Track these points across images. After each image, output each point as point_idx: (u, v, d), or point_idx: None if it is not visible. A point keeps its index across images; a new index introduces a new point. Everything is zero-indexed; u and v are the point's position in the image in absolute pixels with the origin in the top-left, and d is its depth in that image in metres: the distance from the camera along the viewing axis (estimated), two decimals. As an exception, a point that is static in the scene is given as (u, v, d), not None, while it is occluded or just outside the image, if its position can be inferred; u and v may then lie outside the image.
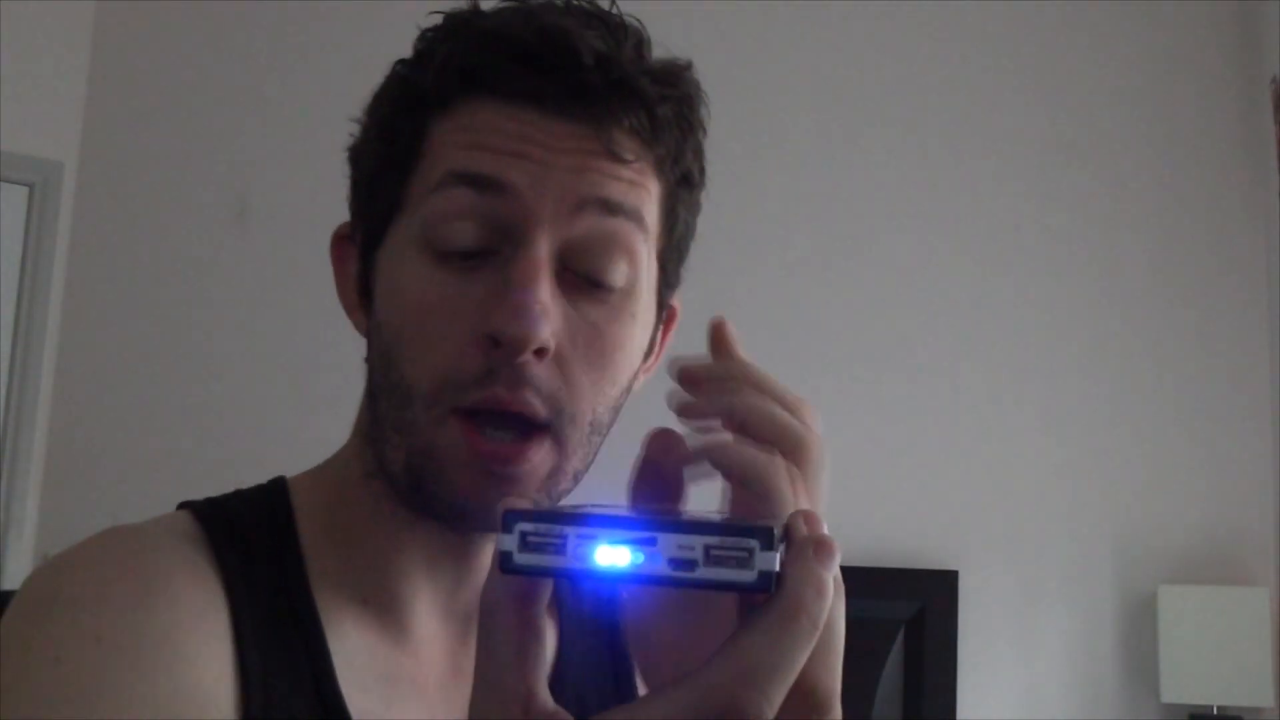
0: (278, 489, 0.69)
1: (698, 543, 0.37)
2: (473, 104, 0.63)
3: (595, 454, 0.65)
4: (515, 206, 0.60)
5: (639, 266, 0.64)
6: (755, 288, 2.92)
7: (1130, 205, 2.90)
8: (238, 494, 0.69)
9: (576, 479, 0.64)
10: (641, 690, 0.72)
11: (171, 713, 0.56)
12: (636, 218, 0.63)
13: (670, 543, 0.37)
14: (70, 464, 2.90)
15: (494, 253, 0.61)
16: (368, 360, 0.66)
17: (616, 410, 0.66)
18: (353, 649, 0.64)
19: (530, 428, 0.60)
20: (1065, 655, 2.75)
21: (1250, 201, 2.86)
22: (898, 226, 2.94)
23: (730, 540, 0.37)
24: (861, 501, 2.81)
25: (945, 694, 2.65)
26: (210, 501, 0.67)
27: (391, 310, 0.63)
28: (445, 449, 0.60)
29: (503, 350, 0.59)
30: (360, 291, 0.67)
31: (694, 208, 0.69)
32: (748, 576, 0.37)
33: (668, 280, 0.68)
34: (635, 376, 0.67)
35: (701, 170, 0.68)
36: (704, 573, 0.37)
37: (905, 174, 2.95)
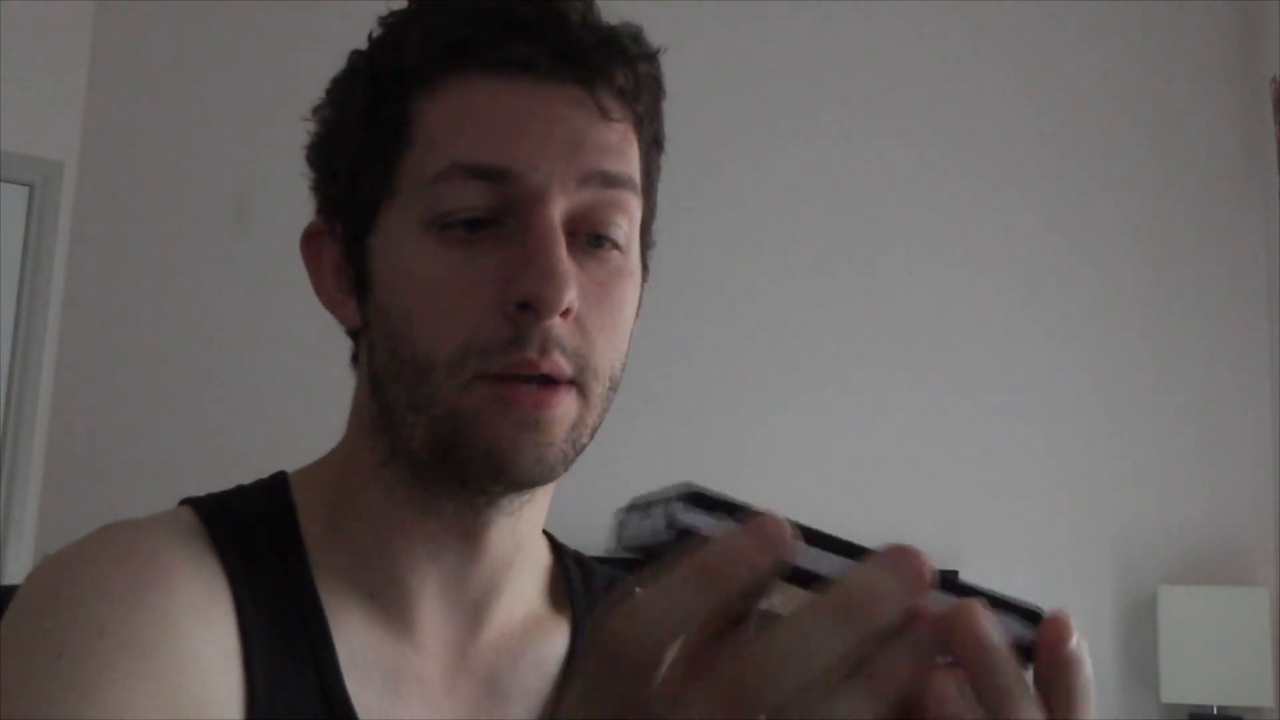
0: (279, 484, 0.69)
1: None
2: (461, 80, 0.63)
3: (607, 411, 0.66)
4: (522, 188, 0.61)
5: (633, 225, 0.65)
6: (757, 287, 2.92)
7: (1130, 205, 2.91)
8: (239, 490, 0.68)
9: (593, 434, 0.65)
10: None
11: (175, 705, 0.56)
12: (631, 185, 0.64)
13: None
14: (70, 464, 2.90)
15: (500, 225, 0.62)
16: (366, 348, 0.66)
17: (623, 369, 0.67)
18: (358, 643, 0.64)
19: (554, 383, 0.61)
20: (1065, 655, 2.75)
21: (1250, 201, 2.86)
22: (899, 226, 2.94)
23: None
24: (861, 501, 2.81)
25: (945, 694, 2.65)
26: (212, 497, 0.67)
27: (399, 291, 0.63)
28: (474, 411, 0.60)
29: (532, 314, 0.60)
30: (350, 282, 0.67)
31: (659, 171, 0.70)
32: None
33: (645, 240, 0.69)
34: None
35: (664, 134, 0.70)
36: None
37: (907, 172, 2.95)
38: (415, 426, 0.62)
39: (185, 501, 0.67)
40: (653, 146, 0.68)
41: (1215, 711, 2.57)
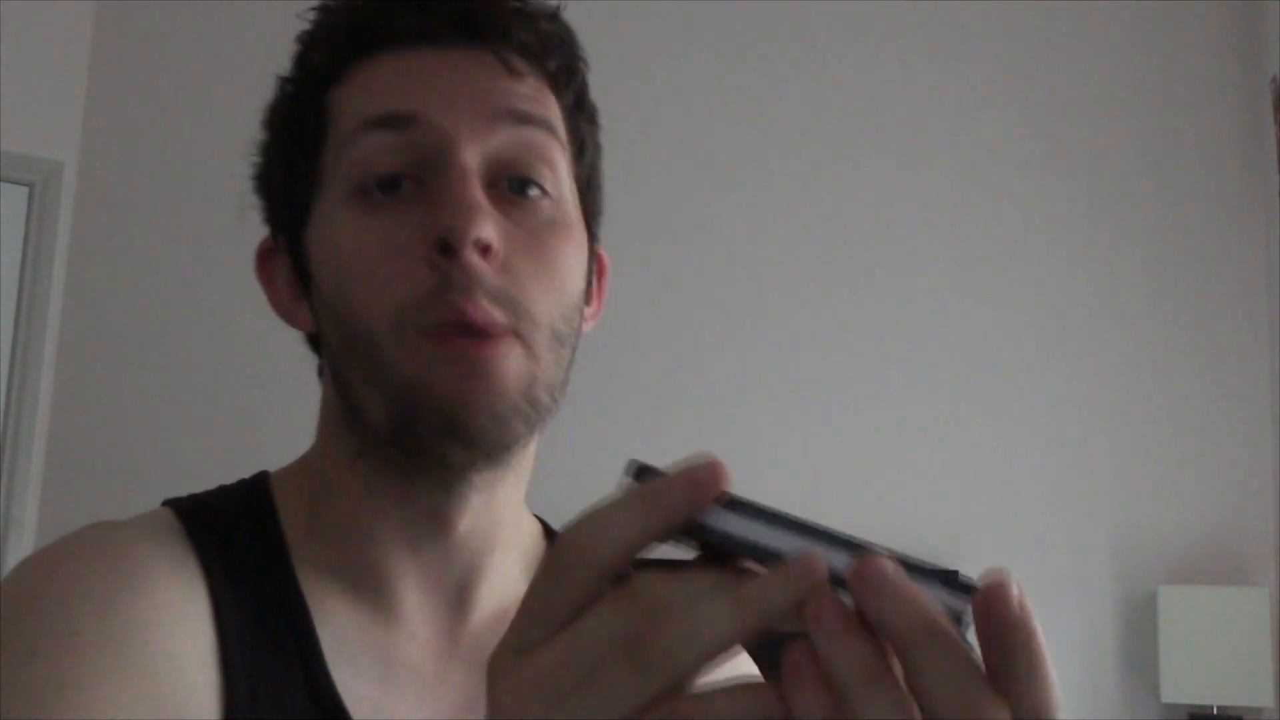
0: (260, 483, 0.69)
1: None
2: (369, 65, 0.64)
3: (567, 376, 0.65)
4: (431, 133, 0.62)
5: (560, 176, 0.65)
6: (758, 287, 2.92)
7: (1131, 205, 2.91)
8: (220, 490, 0.69)
9: (553, 395, 0.64)
10: None
11: (149, 704, 0.56)
12: (548, 126, 0.64)
13: None
14: (70, 464, 2.90)
15: (418, 183, 0.62)
16: (322, 346, 0.67)
17: (575, 332, 0.66)
18: (344, 635, 0.64)
19: (492, 336, 0.61)
20: (1065, 655, 2.75)
21: (1250, 202, 2.86)
22: (900, 225, 2.94)
23: None
24: (861, 501, 2.81)
25: (945, 694, 2.65)
26: (193, 498, 0.67)
27: (332, 271, 0.64)
28: (421, 373, 0.60)
29: (451, 253, 0.59)
30: (297, 287, 0.68)
31: (596, 143, 0.70)
32: None
33: (588, 208, 0.68)
34: (581, 312, 0.67)
35: (594, 105, 0.70)
36: None
37: (907, 170, 2.95)
38: (372, 402, 0.62)
39: (167, 502, 0.67)
40: (577, 110, 0.68)
41: (1215, 711, 2.57)
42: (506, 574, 0.70)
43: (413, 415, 0.61)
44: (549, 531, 0.77)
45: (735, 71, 3.00)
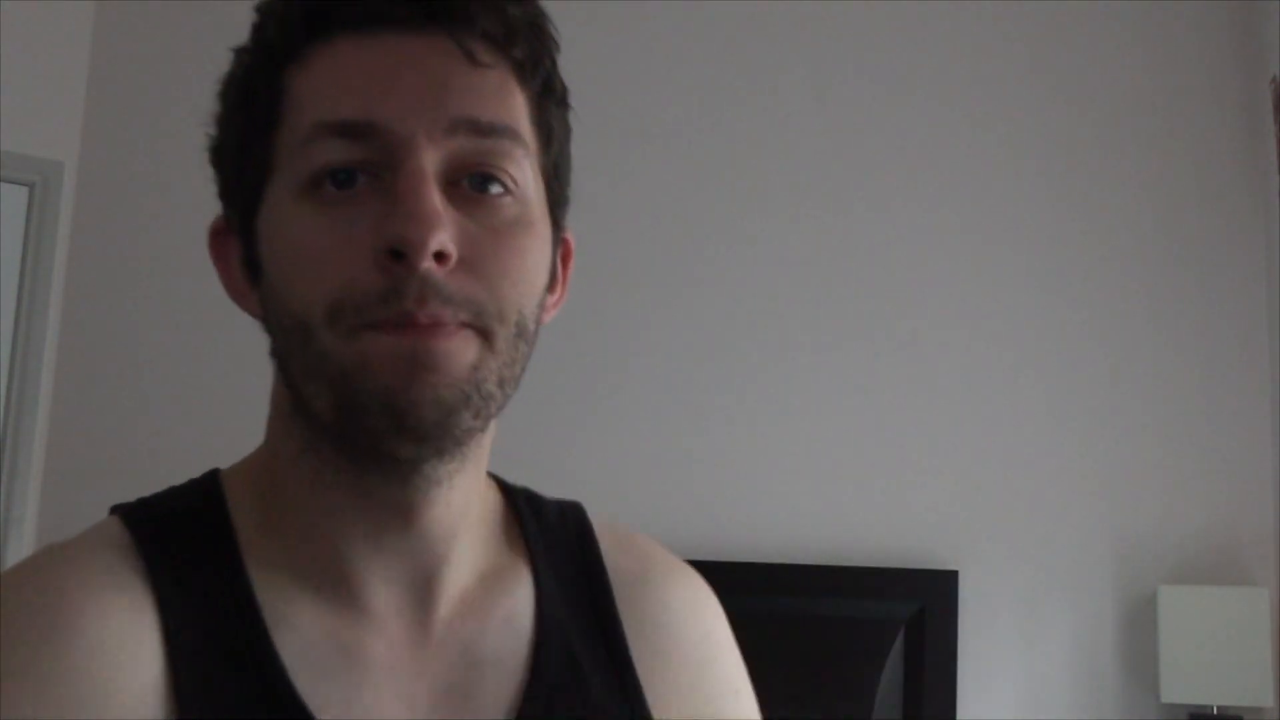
0: (210, 483, 0.68)
1: None
2: (326, 45, 0.63)
3: (523, 368, 0.64)
4: (388, 140, 0.60)
5: (524, 173, 0.63)
6: (759, 283, 2.92)
7: (1130, 205, 2.90)
8: (170, 492, 0.68)
9: (504, 386, 0.62)
10: (637, 655, 0.72)
11: None
12: (510, 134, 0.63)
13: None
14: (70, 464, 2.90)
15: (374, 178, 0.61)
16: (268, 334, 0.65)
17: (536, 325, 0.65)
18: (309, 638, 0.63)
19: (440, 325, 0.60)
20: (1065, 655, 2.75)
21: (1250, 201, 2.86)
22: (899, 222, 2.93)
23: None
24: (862, 501, 2.81)
25: (945, 694, 2.65)
26: (142, 504, 0.67)
27: (277, 260, 0.63)
28: (361, 361, 0.59)
29: (404, 262, 0.58)
30: (247, 271, 0.66)
31: (565, 125, 0.68)
32: None
33: (554, 198, 0.67)
34: (543, 302, 0.66)
35: (564, 86, 0.68)
36: None
37: (909, 165, 2.95)
38: (315, 393, 0.61)
39: (116, 509, 0.66)
40: (544, 96, 0.66)
41: (1215, 711, 2.57)
42: (472, 555, 0.69)
43: (355, 407, 0.60)
44: (503, 486, 0.75)
45: (729, 75, 3.00)
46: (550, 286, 0.67)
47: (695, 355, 2.89)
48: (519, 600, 0.71)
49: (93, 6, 3.06)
